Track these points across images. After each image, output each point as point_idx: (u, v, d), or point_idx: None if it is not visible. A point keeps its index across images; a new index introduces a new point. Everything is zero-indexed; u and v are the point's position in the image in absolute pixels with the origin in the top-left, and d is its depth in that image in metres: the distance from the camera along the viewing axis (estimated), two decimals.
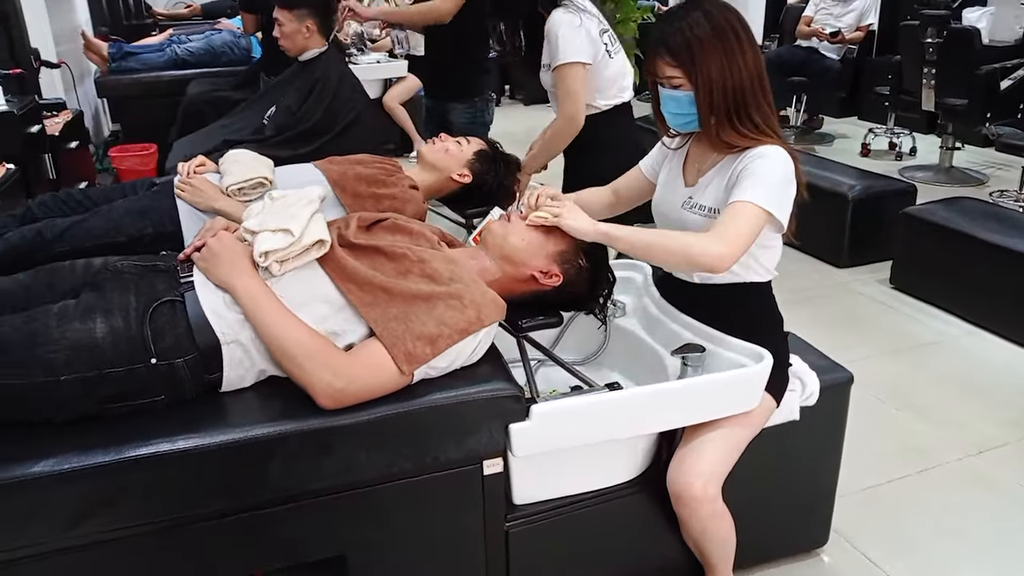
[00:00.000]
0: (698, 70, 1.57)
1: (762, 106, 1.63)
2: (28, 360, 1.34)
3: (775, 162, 1.59)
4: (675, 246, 1.56)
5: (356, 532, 1.52)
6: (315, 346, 1.41)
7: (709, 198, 1.68)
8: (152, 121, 4.93)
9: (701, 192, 1.70)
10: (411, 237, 1.63)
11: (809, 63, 5.81)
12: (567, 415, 1.54)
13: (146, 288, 1.48)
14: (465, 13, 2.94)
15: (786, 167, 1.61)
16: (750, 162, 1.59)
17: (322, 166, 2.26)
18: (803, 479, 1.99)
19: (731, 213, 1.55)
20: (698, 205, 1.70)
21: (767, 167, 1.58)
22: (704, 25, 1.57)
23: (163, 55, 5.39)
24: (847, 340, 3.26)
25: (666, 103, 1.66)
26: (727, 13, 1.60)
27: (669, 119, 1.69)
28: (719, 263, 1.51)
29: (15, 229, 2.03)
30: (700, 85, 1.58)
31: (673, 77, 1.61)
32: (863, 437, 2.55)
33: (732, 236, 1.52)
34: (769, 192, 1.56)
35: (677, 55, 1.58)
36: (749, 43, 1.60)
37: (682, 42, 1.57)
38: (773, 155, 1.60)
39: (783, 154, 1.61)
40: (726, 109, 1.59)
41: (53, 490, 1.29)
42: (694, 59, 1.57)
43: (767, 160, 1.59)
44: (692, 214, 1.70)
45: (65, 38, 5.25)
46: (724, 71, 1.57)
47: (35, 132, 3.57)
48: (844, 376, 1.99)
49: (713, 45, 1.56)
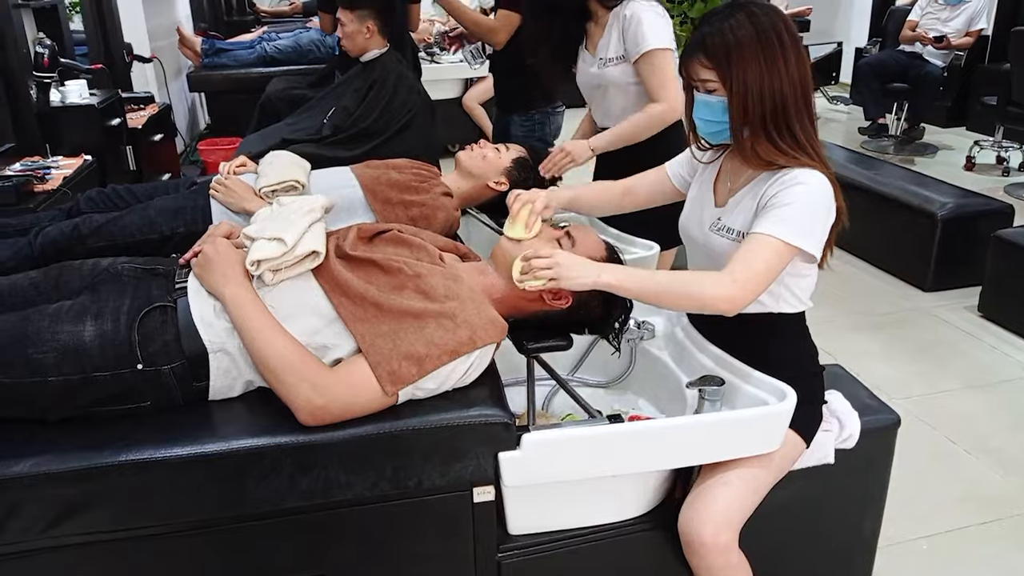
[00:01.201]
0: (734, 73, 1.45)
1: (804, 120, 1.49)
2: (18, 360, 1.35)
3: (810, 189, 1.45)
4: (683, 291, 1.44)
5: (337, 553, 1.47)
6: (297, 360, 1.37)
7: (738, 220, 1.55)
8: (240, 116, 5.06)
9: (730, 213, 1.57)
10: (411, 250, 1.57)
11: (912, 69, 5.46)
12: (561, 446, 1.45)
13: (141, 292, 1.48)
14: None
15: (822, 195, 1.47)
16: (782, 189, 1.46)
17: (357, 170, 2.24)
18: (838, 528, 1.83)
19: (749, 248, 1.43)
20: (726, 228, 1.57)
21: (799, 195, 1.44)
22: (747, 27, 1.45)
23: (253, 52, 5.54)
24: (923, 370, 3.04)
25: (698, 108, 1.54)
26: (774, 16, 1.47)
27: (700, 126, 1.57)
28: (729, 306, 1.41)
29: (58, 223, 2.08)
30: (735, 90, 1.45)
31: (708, 80, 1.49)
32: (923, 481, 2.36)
33: (745, 276, 1.40)
34: (799, 223, 1.43)
35: (713, 56, 1.46)
36: (795, 50, 1.47)
37: (720, 43, 1.45)
38: (808, 181, 1.46)
39: (821, 180, 1.47)
40: (762, 119, 1.46)
41: (30, 491, 1.29)
42: (731, 62, 1.45)
43: (801, 187, 1.45)
44: (719, 237, 1.58)
45: (163, 34, 5.47)
46: (763, 77, 1.44)
47: (115, 125, 3.70)
48: (890, 418, 1.82)
49: (753, 49, 1.44)
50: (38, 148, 3.30)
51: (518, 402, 1.80)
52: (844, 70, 6.82)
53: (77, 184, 3.02)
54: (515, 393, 1.85)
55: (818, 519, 1.80)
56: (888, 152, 5.77)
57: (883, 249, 3.83)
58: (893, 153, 5.75)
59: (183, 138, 5.44)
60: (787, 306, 1.60)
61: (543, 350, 1.64)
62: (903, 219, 3.72)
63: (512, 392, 1.88)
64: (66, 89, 3.49)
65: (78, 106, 3.48)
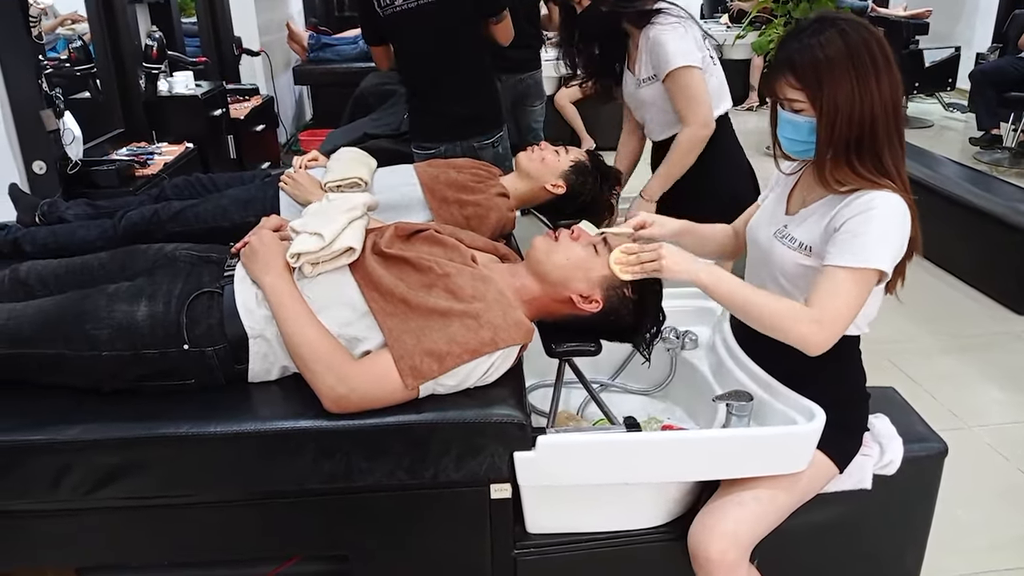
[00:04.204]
0: (824, 95, 1.39)
1: (894, 143, 1.43)
2: (77, 334, 1.48)
3: (884, 213, 1.40)
4: (770, 322, 1.42)
5: (357, 535, 1.54)
6: (325, 350, 1.44)
7: (805, 233, 1.51)
8: (341, 108, 5.26)
9: (798, 224, 1.53)
10: (444, 250, 1.62)
11: None
12: (575, 451, 1.47)
13: (193, 278, 1.58)
14: None
15: (898, 217, 1.41)
16: (856, 214, 1.40)
17: (419, 168, 2.30)
18: (876, 556, 1.77)
19: (833, 282, 1.39)
20: (790, 237, 1.54)
21: (873, 219, 1.39)
22: (838, 45, 1.38)
23: (355, 47, 5.74)
24: (1006, 397, 2.88)
25: (783, 127, 1.48)
26: (865, 33, 1.40)
27: (784, 144, 1.51)
28: (815, 351, 1.40)
29: (141, 208, 2.24)
30: (824, 112, 1.40)
31: (795, 100, 1.43)
32: (987, 515, 2.26)
33: (833, 315, 1.38)
34: (873, 248, 1.39)
35: (802, 76, 1.41)
36: (887, 70, 1.40)
37: (810, 62, 1.40)
38: (882, 205, 1.40)
39: (897, 203, 1.41)
40: (846, 142, 1.40)
41: (79, 454, 1.41)
42: (821, 82, 1.39)
43: (875, 212, 1.40)
44: (782, 244, 1.54)
45: (274, 28, 5.72)
46: (854, 99, 1.38)
47: (217, 115, 3.92)
48: (937, 447, 1.74)
49: (845, 68, 1.38)
50: (144, 135, 3.54)
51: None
52: (962, 76, 6.47)
53: (177, 170, 3.22)
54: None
55: (853, 545, 1.74)
56: (1003, 165, 5.45)
57: (980, 268, 3.63)
58: (1008, 166, 5.42)
59: (285, 128, 5.68)
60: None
61: (571, 353, 1.66)
62: (1001, 237, 3.52)
63: (547, 393, 1.92)
64: (173, 80, 3.73)
65: (183, 96, 3.71)
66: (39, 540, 1.52)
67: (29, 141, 2.63)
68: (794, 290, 1.53)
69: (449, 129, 2.76)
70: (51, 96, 2.68)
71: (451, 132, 2.76)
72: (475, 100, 2.77)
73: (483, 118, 2.80)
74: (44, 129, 2.65)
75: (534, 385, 1.99)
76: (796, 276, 1.52)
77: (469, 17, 2.69)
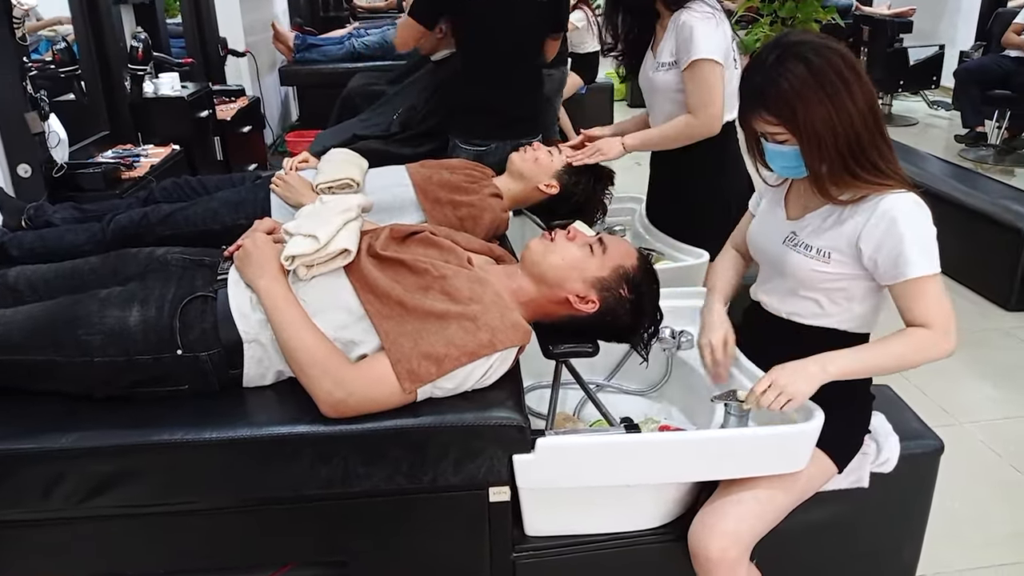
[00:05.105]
0: (801, 123, 1.40)
1: (881, 147, 1.44)
2: (68, 340, 1.45)
3: (919, 214, 1.43)
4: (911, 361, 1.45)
5: (355, 541, 1.53)
6: (321, 354, 1.43)
7: (819, 239, 1.51)
8: (328, 109, 5.21)
9: (809, 231, 1.53)
10: (440, 252, 1.61)
11: (1017, 76, 5.18)
12: (574, 452, 1.47)
13: (186, 282, 1.56)
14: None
15: (928, 214, 1.44)
16: (892, 225, 1.42)
17: (411, 169, 2.29)
18: (873, 554, 1.78)
19: (922, 295, 1.42)
20: (803, 244, 1.53)
21: (916, 224, 1.42)
22: (801, 72, 1.39)
23: (342, 47, 5.70)
24: (996, 394, 2.90)
25: (772, 158, 1.51)
26: (827, 53, 1.41)
27: (779, 172, 1.55)
28: (949, 355, 1.44)
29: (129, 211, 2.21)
30: (806, 138, 1.41)
31: (776, 133, 1.45)
32: (981, 510, 2.27)
33: (947, 317, 1.43)
34: (934, 250, 1.43)
35: (776, 110, 1.42)
36: (857, 81, 1.40)
37: (779, 95, 1.40)
38: (913, 207, 1.43)
39: (919, 202, 1.44)
40: (839, 157, 1.42)
41: (72, 463, 1.39)
42: (795, 112, 1.40)
43: (912, 216, 1.42)
44: (797, 254, 1.54)
45: (259, 29, 5.68)
46: (831, 120, 1.39)
47: (204, 116, 3.88)
48: (933, 444, 1.75)
49: (815, 93, 1.38)
50: (130, 137, 3.50)
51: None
52: (946, 74, 6.51)
53: (163, 172, 3.18)
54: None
55: (851, 542, 1.75)
56: (987, 162, 5.49)
57: (967, 264, 3.65)
58: (992, 163, 5.47)
59: (272, 130, 5.65)
60: (855, 326, 1.57)
61: (568, 355, 1.65)
62: (989, 234, 3.55)
63: (545, 395, 1.91)
64: (159, 81, 3.69)
65: (169, 98, 3.67)
66: (32, 550, 1.50)
67: (14, 144, 2.59)
68: (815, 295, 1.54)
69: (504, 127, 2.71)
70: (36, 98, 2.64)
71: (505, 131, 2.71)
72: (533, 102, 2.80)
73: (535, 120, 2.81)
74: (29, 132, 2.61)
75: (530, 386, 1.99)
76: (814, 282, 1.53)
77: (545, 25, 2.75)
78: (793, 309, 1.60)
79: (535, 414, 1.86)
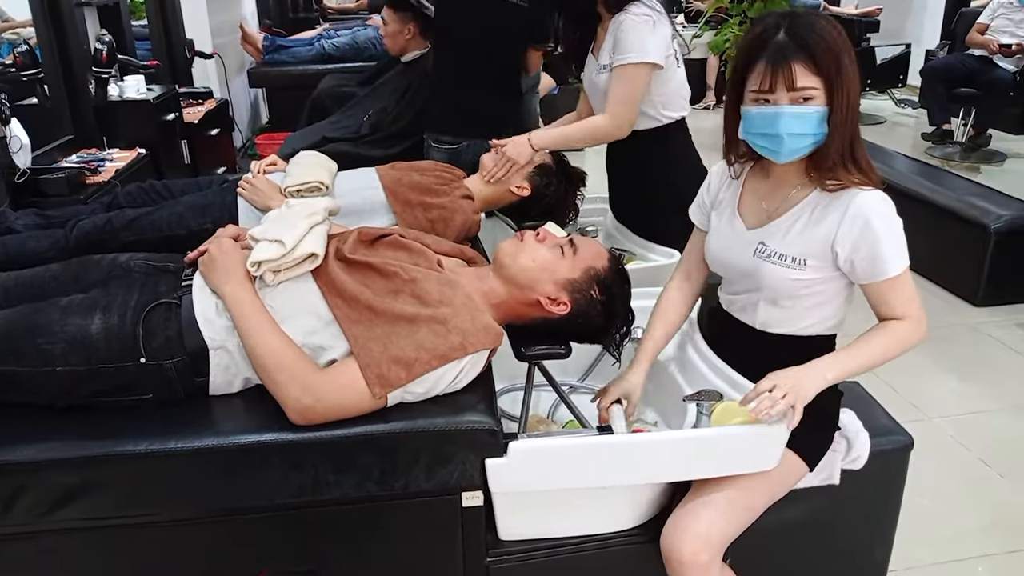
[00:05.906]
0: (843, 81, 1.35)
1: (859, 138, 1.44)
2: (29, 349, 1.42)
3: (888, 211, 1.43)
4: (893, 353, 1.49)
5: (327, 550, 1.51)
6: (288, 360, 1.41)
7: (792, 246, 1.48)
8: (298, 111, 5.17)
9: (778, 238, 1.49)
10: (410, 255, 1.59)
11: (981, 74, 5.25)
12: (546, 455, 1.46)
13: (149, 288, 1.53)
14: None
15: (894, 207, 1.45)
16: (866, 226, 1.41)
17: (381, 172, 2.27)
18: (846, 550, 1.79)
19: (898, 290, 1.45)
20: (776, 254, 1.49)
21: (888, 221, 1.42)
22: (833, 31, 1.36)
23: (312, 49, 5.65)
24: (964, 388, 2.94)
25: (786, 122, 1.36)
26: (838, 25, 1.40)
27: (786, 141, 1.38)
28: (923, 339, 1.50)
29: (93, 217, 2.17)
30: (843, 96, 1.36)
31: (809, 88, 1.35)
32: (951, 504, 2.29)
33: (919, 308, 1.48)
34: (904, 244, 1.44)
35: (822, 62, 1.33)
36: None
37: (825, 46, 1.33)
38: (882, 204, 1.43)
39: (885, 197, 1.44)
40: (848, 136, 1.39)
41: (34, 476, 1.36)
42: (841, 69, 1.35)
43: (883, 214, 1.42)
44: (770, 264, 1.49)
45: (227, 30, 5.61)
46: (856, 88, 1.36)
47: (170, 120, 3.82)
48: (903, 440, 1.76)
49: (849, 55, 1.35)
50: (95, 141, 3.44)
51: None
52: (913, 73, 6.60)
53: (129, 177, 3.13)
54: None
55: (823, 540, 1.76)
56: (954, 159, 5.56)
57: (934, 260, 3.69)
58: (959, 160, 5.54)
59: (241, 132, 5.59)
60: (824, 328, 1.57)
61: (541, 357, 1.64)
62: (956, 230, 3.59)
63: (517, 397, 1.90)
64: (124, 84, 3.63)
65: (135, 101, 3.61)
66: None
67: None
68: (793, 305, 1.53)
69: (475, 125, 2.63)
70: None
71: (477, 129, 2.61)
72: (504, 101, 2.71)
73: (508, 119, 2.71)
74: None
75: (503, 389, 1.98)
76: (791, 291, 1.51)
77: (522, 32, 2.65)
78: (768, 318, 1.57)
79: (508, 417, 1.85)
